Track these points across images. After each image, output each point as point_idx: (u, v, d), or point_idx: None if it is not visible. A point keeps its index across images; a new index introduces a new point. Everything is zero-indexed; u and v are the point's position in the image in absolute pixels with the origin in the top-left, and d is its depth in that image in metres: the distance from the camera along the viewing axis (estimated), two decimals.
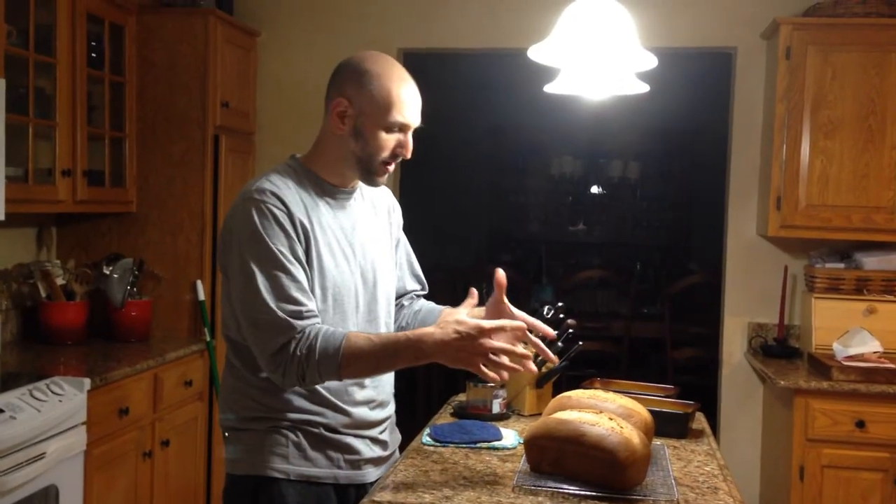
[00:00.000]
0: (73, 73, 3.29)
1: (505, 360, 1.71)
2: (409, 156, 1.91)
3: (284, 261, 1.78)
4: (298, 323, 1.75)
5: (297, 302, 1.76)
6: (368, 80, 1.86)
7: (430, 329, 1.75)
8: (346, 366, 1.74)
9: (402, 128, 1.88)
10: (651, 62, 2.03)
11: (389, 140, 1.87)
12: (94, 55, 3.48)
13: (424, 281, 2.25)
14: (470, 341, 1.69)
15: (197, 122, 3.74)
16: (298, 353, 1.73)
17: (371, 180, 1.93)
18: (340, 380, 1.81)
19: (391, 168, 1.92)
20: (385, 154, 1.88)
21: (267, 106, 4.23)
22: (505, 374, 1.73)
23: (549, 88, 2.60)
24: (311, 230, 1.85)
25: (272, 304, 1.75)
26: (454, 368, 1.75)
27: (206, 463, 3.70)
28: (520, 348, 1.74)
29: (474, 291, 1.97)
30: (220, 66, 3.79)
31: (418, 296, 2.23)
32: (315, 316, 1.79)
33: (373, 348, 1.74)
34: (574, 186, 7.90)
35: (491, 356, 1.69)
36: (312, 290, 1.83)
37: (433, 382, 5.77)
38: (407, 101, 1.87)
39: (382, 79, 1.86)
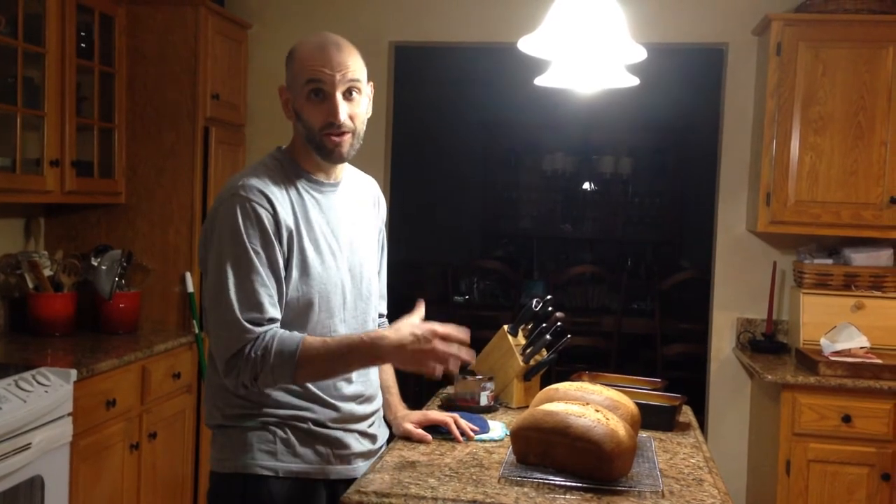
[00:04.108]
0: (62, 63, 3.28)
1: (451, 362, 1.74)
2: (339, 119, 1.82)
3: (259, 266, 1.76)
4: (257, 329, 1.75)
5: (261, 309, 1.76)
6: (290, 60, 1.89)
7: (384, 331, 1.77)
8: (302, 367, 1.75)
9: (318, 90, 1.83)
10: (641, 55, 2.03)
11: (315, 110, 1.84)
12: (83, 45, 3.46)
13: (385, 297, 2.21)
14: (425, 344, 1.73)
15: (187, 114, 3.73)
16: (253, 354, 1.73)
17: (326, 156, 1.87)
18: (294, 383, 1.80)
19: (340, 139, 1.84)
20: (317, 125, 1.84)
21: (257, 98, 4.22)
22: (452, 368, 1.76)
23: (539, 81, 2.60)
24: (297, 227, 1.83)
25: (237, 308, 1.74)
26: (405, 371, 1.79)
27: (193, 455, 3.69)
28: (464, 353, 1.77)
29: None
30: (211, 57, 3.78)
31: (381, 315, 2.18)
32: (275, 325, 1.79)
33: (328, 350, 1.75)
34: (566, 182, 7.90)
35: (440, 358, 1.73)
36: (297, 288, 1.82)
37: (422, 375, 5.76)
38: (314, 57, 1.83)
39: (297, 51, 1.88)
